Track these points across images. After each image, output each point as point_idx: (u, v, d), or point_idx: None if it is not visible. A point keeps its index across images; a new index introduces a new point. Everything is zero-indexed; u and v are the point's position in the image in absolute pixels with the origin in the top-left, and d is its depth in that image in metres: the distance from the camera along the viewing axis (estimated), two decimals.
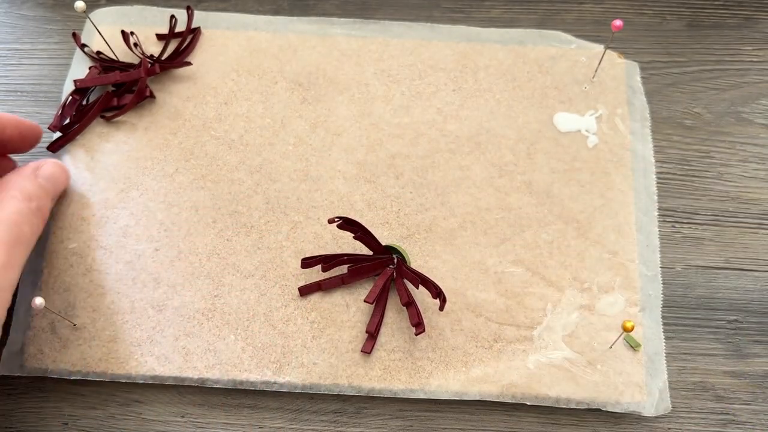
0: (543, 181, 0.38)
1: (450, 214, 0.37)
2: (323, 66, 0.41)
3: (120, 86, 0.39)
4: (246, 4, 0.44)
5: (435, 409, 0.33)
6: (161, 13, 0.42)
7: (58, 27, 0.43)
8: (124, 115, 0.39)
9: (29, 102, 0.41)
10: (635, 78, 0.41)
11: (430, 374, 0.33)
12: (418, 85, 0.40)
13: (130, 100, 0.38)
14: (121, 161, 0.38)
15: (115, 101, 0.39)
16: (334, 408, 0.34)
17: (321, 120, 0.39)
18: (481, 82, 0.41)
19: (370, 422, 0.33)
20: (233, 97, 0.40)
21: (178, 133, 0.39)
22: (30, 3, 0.44)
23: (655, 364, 0.33)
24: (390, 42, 0.42)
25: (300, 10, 0.44)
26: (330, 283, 0.34)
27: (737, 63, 0.42)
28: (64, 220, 0.36)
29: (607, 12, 0.44)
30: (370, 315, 0.34)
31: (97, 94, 0.39)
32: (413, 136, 0.39)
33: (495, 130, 0.39)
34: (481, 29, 0.42)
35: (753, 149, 0.40)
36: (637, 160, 0.38)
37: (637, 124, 0.39)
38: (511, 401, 0.33)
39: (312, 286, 0.34)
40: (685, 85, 0.41)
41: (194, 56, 0.41)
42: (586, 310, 0.35)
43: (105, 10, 0.42)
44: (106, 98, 0.38)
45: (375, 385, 0.33)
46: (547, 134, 0.39)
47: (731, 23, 0.44)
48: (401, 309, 0.34)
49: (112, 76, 0.38)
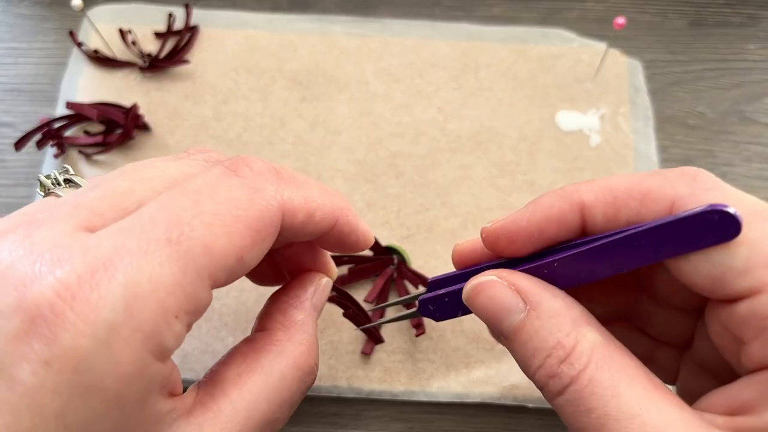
0: (545, 181, 0.37)
1: (451, 214, 0.36)
2: (323, 64, 0.41)
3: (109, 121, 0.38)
4: (245, 2, 0.43)
5: (436, 411, 0.33)
6: (159, 11, 0.42)
7: (55, 25, 0.43)
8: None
9: (26, 101, 0.40)
10: (638, 77, 0.40)
11: (430, 376, 0.33)
12: (418, 83, 0.40)
13: (115, 140, 0.37)
14: (117, 161, 0.38)
15: (101, 138, 0.38)
16: (333, 410, 0.33)
17: (320, 119, 0.39)
18: (483, 80, 0.40)
19: (370, 424, 0.33)
20: (232, 96, 0.40)
21: (176, 132, 0.39)
22: (27, 1, 0.44)
23: None
24: (390, 40, 0.41)
25: (299, 8, 0.43)
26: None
27: (740, 62, 0.42)
28: None
29: (610, 10, 0.44)
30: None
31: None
32: (414, 135, 0.39)
33: (496, 129, 0.39)
34: (482, 27, 0.42)
35: (756, 148, 0.39)
36: (640, 159, 0.38)
37: (640, 123, 0.39)
38: (512, 403, 0.33)
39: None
40: (688, 83, 0.41)
41: (192, 54, 0.41)
42: None
43: (102, 8, 0.42)
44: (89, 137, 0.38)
45: (375, 387, 0.33)
46: (549, 133, 0.39)
47: (734, 22, 0.43)
48: (401, 310, 0.34)
49: (104, 110, 0.37)
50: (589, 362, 0.19)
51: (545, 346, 0.20)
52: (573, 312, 0.20)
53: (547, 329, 0.20)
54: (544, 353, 0.20)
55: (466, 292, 0.22)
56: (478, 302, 0.22)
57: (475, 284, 0.22)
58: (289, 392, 0.22)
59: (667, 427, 0.18)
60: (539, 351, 0.20)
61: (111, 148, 0.37)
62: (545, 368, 0.20)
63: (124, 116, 0.37)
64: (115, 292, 0.17)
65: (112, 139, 0.37)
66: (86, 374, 0.17)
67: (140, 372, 0.17)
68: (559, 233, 0.22)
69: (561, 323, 0.20)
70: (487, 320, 0.22)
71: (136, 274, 0.17)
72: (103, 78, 0.40)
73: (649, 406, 0.18)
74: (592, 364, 0.19)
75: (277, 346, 0.23)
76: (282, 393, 0.22)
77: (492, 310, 0.21)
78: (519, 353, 0.21)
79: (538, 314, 0.20)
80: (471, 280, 0.22)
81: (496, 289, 0.21)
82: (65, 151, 0.38)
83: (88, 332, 0.16)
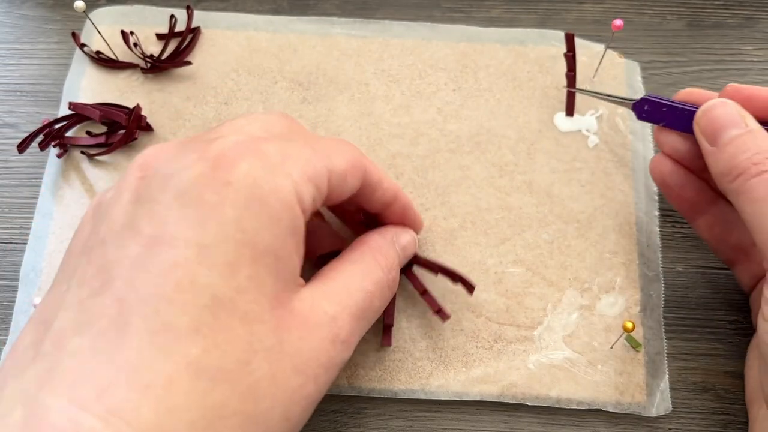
0: (543, 181, 0.38)
1: (450, 214, 0.37)
2: (323, 66, 0.41)
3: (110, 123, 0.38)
4: (246, 4, 0.44)
5: (435, 409, 0.33)
6: (161, 12, 0.42)
7: (57, 27, 0.43)
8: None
9: (29, 102, 0.41)
10: (636, 78, 0.41)
11: (430, 374, 0.33)
12: (418, 84, 0.40)
13: (118, 140, 0.37)
14: (120, 161, 0.38)
15: (103, 138, 0.38)
16: (334, 408, 0.33)
17: (321, 120, 0.39)
18: (482, 81, 0.41)
19: (370, 423, 0.33)
20: (233, 97, 0.40)
21: (177, 133, 0.39)
22: (30, 3, 0.44)
23: (655, 365, 0.33)
24: (390, 42, 0.42)
25: (300, 9, 0.44)
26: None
27: (738, 63, 0.42)
28: (64, 220, 0.36)
29: (608, 12, 0.44)
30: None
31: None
32: (413, 135, 0.39)
33: (495, 129, 0.39)
34: (482, 29, 0.42)
35: None
36: (638, 159, 0.38)
37: (638, 123, 0.39)
38: (511, 401, 0.33)
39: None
40: (686, 84, 0.41)
41: (194, 56, 0.41)
42: (586, 311, 0.35)
43: (105, 10, 0.42)
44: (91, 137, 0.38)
45: (375, 385, 0.33)
46: (547, 134, 0.39)
47: (732, 23, 0.44)
48: (402, 309, 0.34)
49: (107, 111, 0.37)
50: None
51: (756, 149, 0.28)
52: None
53: (760, 141, 0.28)
54: (754, 151, 0.28)
55: (706, 105, 0.30)
56: (712, 114, 0.29)
57: (715, 101, 0.30)
58: (377, 285, 0.28)
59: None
60: (750, 150, 0.28)
61: (114, 149, 0.37)
62: (753, 158, 0.27)
63: (126, 117, 0.37)
64: (275, 147, 0.24)
65: (115, 140, 0.38)
66: (257, 191, 0.22)
67: (291, 205, 0.23)
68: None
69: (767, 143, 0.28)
70: (712, 129, 0.29)
71: (286, 146, 0.24)
72: (106, 79, 0.40)
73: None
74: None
75: (363, 253, 0.29)
76: (370, 284, 0.28)
77: (720, 122, 0.29)
78: (729, 153, 0.28)
79: (754, 134, 0.28)
80: (711, 101, 0.30)
81: (729, 107, 0.29)
82: (68, 152, 0.38)
83: (259, 164, 0.23)
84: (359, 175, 0.27)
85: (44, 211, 0.37)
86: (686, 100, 0.32)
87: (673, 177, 0.33)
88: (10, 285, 0.36)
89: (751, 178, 0.27)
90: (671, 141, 0.33)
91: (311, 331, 0.24)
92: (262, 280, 0.22)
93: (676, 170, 0.33)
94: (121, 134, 0.38)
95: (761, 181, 0.27)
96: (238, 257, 0.22)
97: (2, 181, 0.38)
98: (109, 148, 0.37)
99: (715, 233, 0.34)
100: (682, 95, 0.33)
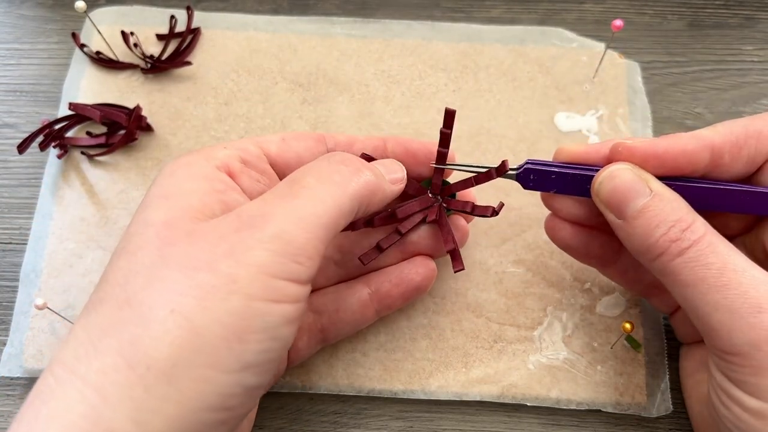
0: None
1: None
2: (323, 66, 0.41)
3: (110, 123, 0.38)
4: (245, 4, 0.44)
5: (435, 410, 0.33)
6: (161, 13, 0.42)
7: (57, 27, 0.43)
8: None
9: (28, 102, 0.41)
10: (636, 78, 0.41)
11: (430, 375, 0.33)
12: (418, 85, 0.40)
13: (118, 141, 0.37)
14: (120, 161, 0.38)
15: (103, 139, 0.38)
16: (334, 408, 0.33)
17: (321, 120, 0.39)
18: (482, 81, 0.40)
19: (370, 423, 0.33)
20: (233, 98, 0.40)
21: (178, 133, 0.39)
22: (29, 3, 0.44)
23: (655, 365, 0.33)
24: (390, 42, 0.42)
25: (300, 9, 0.44)
26: (387, 240, 0.31)
27: (738, 63, 0.42)
28: (64, 220, 0.36)
29: (608, 12, 0.44)
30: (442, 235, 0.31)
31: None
32: (414, 136, 0.39)
33: (495, 130, 0.39)
34: (482, 28, 0.42)
35: None
36: None
37: (638, 124, 0.39)
38: (511, 402, 0.33)
39: (371, 252, 0.31)
40: (686, 85, 0.41)
41: (194, 56, 0.41)
42: (586, 311, 0.35)
43: (105, 10, 0.42)
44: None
45: (375, 385, 0.33)
46: (547, 134, 0.39)
47: (732, 23, 0.43)
48: (403, 309, 0.34)
49: (107, 112, 0.37)
50: (706, 233, 0.25)
51: (669, 219, 0.25)
52: (686, 203, 0.26)
53: (669, 209, 0.26)
54: (668, 224, 0.25)
55: (603, 175, 0.27)
56: (611, 185, 0.27)
57: (612, 170, 0.27)
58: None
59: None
60: (664, 223, 0.25)
61: (114, 149, 0.37)
62: (669, 235, 0.25)
63: (126, 117, 0.37)
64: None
65: (115, 140, 0.38)
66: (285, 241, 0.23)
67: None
68: (686, 167, 0.27)
69: (680, 207, 0.26)
70: (615, 201, 0.27)
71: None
72: (105, 79, 0.40)
73: (753, 267, 0.24)
74: (709, 234, 0.25)
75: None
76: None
77: (622, 192, 0.26)
78: (641, 228, 0.26)
79: (661, 199, 0.26)
80: (605, 169, 0.27)
81: (627, 174, 0.27)
82: (68, 152, 0.38)
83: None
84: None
85: (44, 212, 0.37)
86: (564, 160, 0.29)
87: (575, 240, 0.31)
88: (10, 285, 0.36)
89: (674, 259, 0.25)
90: (566, 207, 0.30)
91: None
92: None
93: (576, 233, 0.31)
94: (121, 135, 0.38)
95: (685, 263, 0.25)
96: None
97: (2, 181, 0.38)
98: (109, 149, 0.37)
99: (628, 278, 0.32)
100: (559, 156, 0.30)
